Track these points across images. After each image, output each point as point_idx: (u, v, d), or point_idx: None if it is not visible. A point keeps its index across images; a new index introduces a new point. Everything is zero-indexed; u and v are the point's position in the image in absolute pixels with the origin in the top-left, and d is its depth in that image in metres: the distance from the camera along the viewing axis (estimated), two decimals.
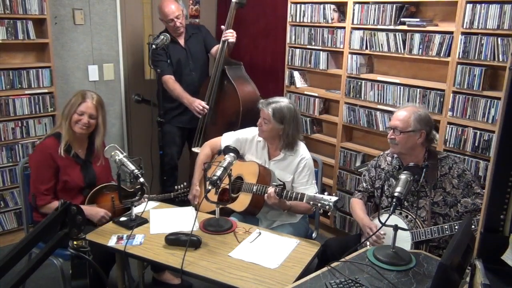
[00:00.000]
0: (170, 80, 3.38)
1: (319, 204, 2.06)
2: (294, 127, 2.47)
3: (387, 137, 2.30)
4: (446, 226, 2.08)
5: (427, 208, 2.23)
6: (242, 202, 2.46)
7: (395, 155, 2.39)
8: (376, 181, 2.45)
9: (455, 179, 2.21)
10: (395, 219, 2.15)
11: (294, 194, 2.22)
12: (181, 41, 3.52)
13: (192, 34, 3.56)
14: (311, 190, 2.43)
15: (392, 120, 2.28)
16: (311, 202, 2.10)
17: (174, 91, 3.38)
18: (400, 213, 2.22)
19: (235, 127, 3.26)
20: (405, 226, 2.14)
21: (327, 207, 2.03)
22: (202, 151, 2.73)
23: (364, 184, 2.51)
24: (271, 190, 2.27)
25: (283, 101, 2.48)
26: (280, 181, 2.35)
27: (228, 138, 2.69)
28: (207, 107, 3.34)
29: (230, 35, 3.31)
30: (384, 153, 2.49)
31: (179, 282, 2.81)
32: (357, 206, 2.46)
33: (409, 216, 2.20)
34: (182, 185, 2.73)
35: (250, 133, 2.66)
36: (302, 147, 2.55)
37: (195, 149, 3.44)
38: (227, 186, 2.38)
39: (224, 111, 3.40)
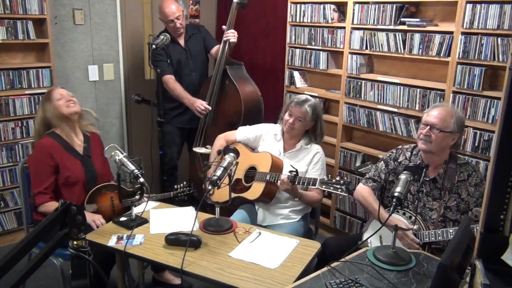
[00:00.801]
0: (170, 80, 3.39)
1: (331, 188, 2.15)
2: (322, 122, 2.66)
3: (421, 133, 2.19)
4: (451, 230, 2.06)
5: (439, 211, 2.20)
6: (255, 190, 2.54)
7: (415, 152, 2.33)
8: (391, 174, 2.38)
9: (471, 187, 2.17)
10: (397, 220, 2.15)
11: (307, 180, 2.31)
12: (181, 41, 3.52)
13: (192, 34, 3.56)
14: None
15: (429, 117, 2.18)
16: (324, 186, 2.18)
17: (175, 91, 3.38)
18: (404, 214, 2.21)
19: (236, 127, 3.27)
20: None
21: (339, 190, 2.12)
22: (218, 142, 2.81)
23: (383, 176, 2.41)
24: (284, 176, 2.36)
25: (312, 99, 2.64)
26: (293, 167, 2.39)
27: (243, 132, 2.80)
28: (209, 107, 3.35)
29: (231, 35, 3.31)
30: (405, 147, 2.40)
31: (179, 282, 2.81)
32: (371, 197, 2.36)
33: (412, 217, 2.19)
34: (181, 184, 2.73)
35: (265, 128, 2.78)
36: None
37: (196, 149, 3.45)
38: (240, 176, 2.56)
39: (225, 111, 3.40)
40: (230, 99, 3.36)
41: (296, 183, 2.33)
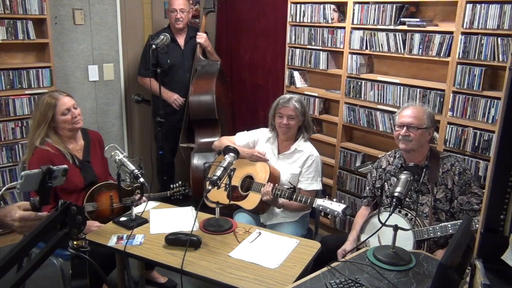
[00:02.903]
0: (146, 80, 3.55)
1: (328, 210, 2.17)
2: (308, 113, 2.72)
3: (399, 134, 2.27)
4: (449, 225, 2.08)
5: (429, 204, 2.24)
6: (252, 200, 2.56)
7: (397, 155, 2.42)
8: (377, 181, 2.47)
9: (456, 176, 2.24)
10: (396, 218, 2.15)
11: (304, 198, 2.33)
12: (181, 41, 3.61)
13: (193, 37, 3.66)
14: (315, 185, 2.61)
15: (403, 118, 2.28)
16: (321, 208, 2.21)
17: (152, 88, 3.54)
18: (400, 211, 2.22)
19: (191, 122, 3.53)
20: (406, 225, 2.14)
21: (335, 213, 2.14)
22: (222, 141, 2.84)
23: (367, 188, 2.54)
24: (267, 188, 2.42)
25: (294, 95, 2.73)
26: (292, 184, 2.43)
27: (242, 137, 2.85)
28: (182, 99, 3.56)
29: (199, 38, 3.55)
30: (386, 154, 2.51)
31: (165, 281, 2.86)
32: (357, 225, 2.41)
33: (409, 215, 2.20)
34: (177, 184, 2.72)
35: (261, 132, 2.82)
36: (310, 145, 2.71)
37: (182, 145, 3.61)
38: (237, 184, 2.60)
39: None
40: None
41: (293, 200, 2.37)
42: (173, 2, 3.51)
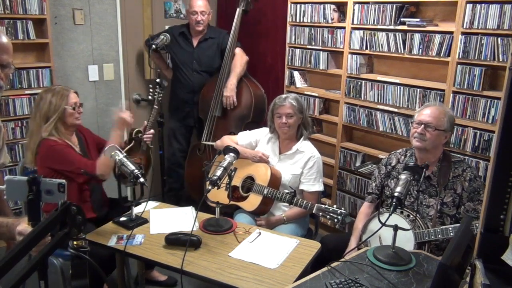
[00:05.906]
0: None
1: (328, 216, 2.20)
2: (306, 113, 2.73)
3: (415, 131, 2.24)
4: (450, 228, 2.07)
5: (436, 207, 2.22)
6: (252, 202, 2.55)
7: (408, 154, 2.39)
8: (384, 178, 2.44)
9: (466, 182, 2.21)
10: (396, 219, 2.15)
11: (304, 203, 2.34)
12: (195, 41, 3.62)
13: (209, 38, 3.64)
14: (317, 187, 2.61)
15: (423, 116, 2.23)
16: (320, 213, 2.23)
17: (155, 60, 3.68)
18: (402, 212, 2.22)
19: (247, 119, 3.50)
20: (407, 226, 2.14)
21: (335, 220, 2.16)
22: (224, 141, 2.83)
23: (373, 184, 2.49)
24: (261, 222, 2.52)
25: (289, 94, 2.73)
26: (292, 188, 2.44)
27: (244, 137, 2.85)
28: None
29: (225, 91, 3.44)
30: (397, 151, 2.47)
31: (165, 279, 2.87)
32: (360, 222, 2.41)
33: (411, 216, 2.20)
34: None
35: (262, 132, 2.82)
36: (311, 145, 2.70)
37: (205, 142, 3.62)
38: (238, 184, 2.61)
39: (236, 106, 3.52)
40: (240, 94, 3.50)
41: (293, 204, 2.37)
42: (194, 4, 3.48)
